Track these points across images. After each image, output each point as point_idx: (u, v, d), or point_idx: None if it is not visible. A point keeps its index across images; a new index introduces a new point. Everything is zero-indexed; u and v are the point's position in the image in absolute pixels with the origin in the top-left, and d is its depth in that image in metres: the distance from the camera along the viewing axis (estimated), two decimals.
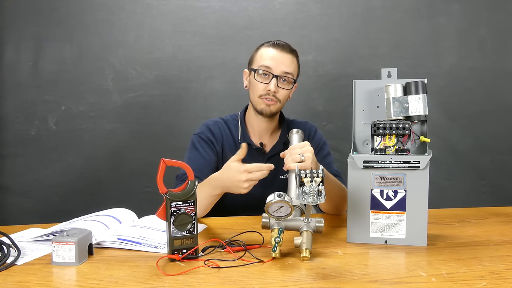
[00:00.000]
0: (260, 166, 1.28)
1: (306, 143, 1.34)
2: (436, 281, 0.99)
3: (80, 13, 2.16)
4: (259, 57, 1.56)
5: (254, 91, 1.57)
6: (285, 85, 1.55)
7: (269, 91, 1.53)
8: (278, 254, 1.11)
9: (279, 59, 1.54)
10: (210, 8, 2.20)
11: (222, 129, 1.65)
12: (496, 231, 1.34)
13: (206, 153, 1.59)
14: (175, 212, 1.12)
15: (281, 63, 1.53)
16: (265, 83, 1.54)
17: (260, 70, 1.54)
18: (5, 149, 2.17)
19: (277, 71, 1.53)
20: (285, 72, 1.54)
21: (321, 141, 1.68)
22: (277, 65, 1.53)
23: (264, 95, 1.54)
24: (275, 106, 1.56)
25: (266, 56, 1.54)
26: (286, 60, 1.54)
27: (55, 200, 2.18)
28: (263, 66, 1.54)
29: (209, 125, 1.65)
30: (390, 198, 1.21)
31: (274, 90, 1.53)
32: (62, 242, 1.09)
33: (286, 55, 1.55)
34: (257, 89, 1.56)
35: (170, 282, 1.00)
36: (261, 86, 1.54)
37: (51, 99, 2.17)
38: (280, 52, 1.54)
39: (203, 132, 1.63)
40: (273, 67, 1.53)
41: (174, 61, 2.20)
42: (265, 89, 1.54)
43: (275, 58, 1.53)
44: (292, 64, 1.56)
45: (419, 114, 1.24)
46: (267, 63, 1.53)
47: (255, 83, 1.56)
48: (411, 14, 2.24)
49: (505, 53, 2.26)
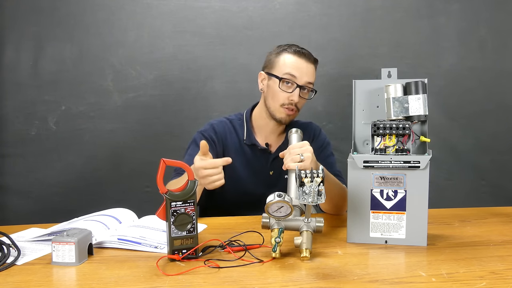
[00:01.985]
0: (215, 163, 1.28)
1: (305, 142, 1.34)
2: (436, 281, 0.99)
3: (80, 13, 2.16)
4: (282, 64, 1.54)
5: (275, 99, 1.55)
6: (306, 95, 1.56)
7: (292, 101, 1.52)
8: (278, 254, 1.11)
9: (304, 69, 1.52)
10: (210, 8, 2.20)
11: (227, 129, 1.65)
12: (496, 231, 1.34)
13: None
14: (175, 212, 1.12)
15: (305, 73, 1.52)
16: (288, 92, 1.52)
17: (285, 78, 1.52)
18: (5, 149, 2.17)
19: (301, 81, 1.52)
20: (308, 83, 1.53)
21: (325, 141, 1.68)
22: (302, 75, 1.52)
23: (286, 104, 1.54)
24: (294, 115, 1.57)
25: (290, 64, 1.52)
26: (310, 70, 1.54)
27: (55, 200, 2.18)
28: (288, 74, 1.52)
29: (213, 124, 1.66)
30: (390, 198, 1.22)
31: (297, 101, 1.53)
32: (62, 242, 1.09)
33: (310, 65, 1.54)
34: (278, 97, 1.54)
35: (170, 282, 1.00)
36: (285, 95, 1.53)
37: (51, 99, 2.17)
38: (305, 62, 1.53)
39: (206, 131, 1.63)
40: (298, 77, 1.52)
41: (174, 61, 2.20)
42: (288, 98, 1.53)
43: (300, 68, 1.52)
44: (314, 74, 1.56)
45: (419, 114, 1.24)
46: (293, 72, 1.51)
47: (278, 91, 1.53)
48: (411, 14, 2.24)
49: (505, 53, 2.26)
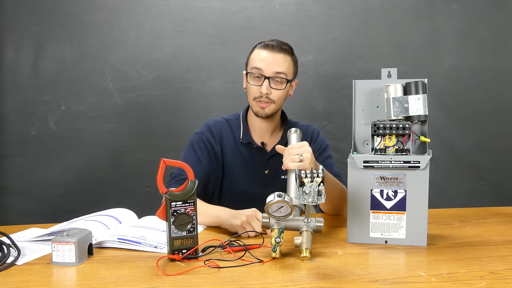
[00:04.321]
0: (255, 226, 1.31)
1: (304, 143, 1.34)
2: (436, 281, 0.99)
3: (80, 13, 2.16)
4: (251, 60, 1.57)
5: (249, 94, 1.58)
6: (278, 85, 1.54)
7: (261, 93, 1.53)
8: (278, 254, 1.11)
9: (270, 60, 1.53)
10: (210, 8, 2.20)
11: (223, 129, 1.65)
12: (496, 231, 1.34)
13: (202, 157, 1.59)
14: (175, 212, 1.12)
15: (272, 64, 1.53)
16: (258, 85, 1.54)
17: (252, 72, 1.54)
18: (5, 149, 2.17)
19: (268, 72, 1.52)
20: (277, 73, 1.53)
21: (323, 143, 1.68)
22: (268, 66, 1.52)
23: (258, 97, 1.54)
24: (269, 108, 1.56)
25: (257, 58, 1.54)
26: (277, 60, 1.53)
27: (55, 200, 2.18)
28: (254, 68, 1.54)
29: (210, 125, 1.66)
30: (390, 198, 1.21)
31: (266, 92, 1.53)
32: (62, 242, 1.09)
33: (276, 54, 1.53)
34: (251, 91, 1.56)
35: (170, 282, 1.00)
36: (254, 88, 1.54)
37: (51, 99, 2.17)
38: (270, 53, 1.53)
39: (203, 133, 1.63)
40: (264, 69, 1.52)
41: (174, 61, 2.20)
42: (258, 91, 1.54)
43: (265, 60, 1.53)
44: (284, 63, 1.54)
45: (419, 114, 1.24)
46: (258, 65, 1.53)
47: (249, 86, 1.56)
48: (411, 14, 2.24)
49: (505, 53, 2.26)
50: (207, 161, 1.59)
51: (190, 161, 1.55)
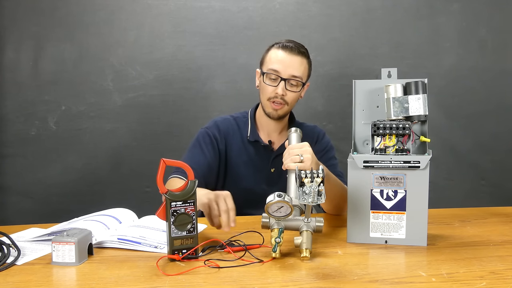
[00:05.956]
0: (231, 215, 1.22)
1: (305, 143, 1.34)
2: (436, 281, 0.99)
3: (80, 13, 2.16)
4: (269, 60, 1.57)
5: (263, 93, 1.59)
6: (293, 87, 1.56)
7: (277, 94, 1.54)
8: (278, 254, 1.11)
9: (288, 62, 1.54)
10: (210, 8, 2.20)
11: (230, 127, 1.66)
12: (496, 231, 1.34)
13: (206, 149, 1.61)
14: (175, 212, 1.12)
15: (289, 66, 1.54)
16: (273, 86, 1.55)
17: (269, 73, 1.55)
18: (5, 149, 2.17)
19: (285, 75, 1.53)
20: (293, 76, 1.54)
21: (328, 144, 1.70)
22: (285, 69, 1.53)
23: (272, 97, 1.56)
24: (282, 109, 1.58)
25: (275, 59, 1.55)
26: (294, 63, 1.54)
27: (55, 200, 2.18)
28: (272, 69, 1.54)
29: (217, 121, 1.68)
30: (390, 198, 1.21)
31: (282, 94, 1.54)
32: (62, 242, 1.09)
33: (295, 57, 1.54)
34: (265, 91, 1.57)
35: (170, 282, 1.00)
36: (270, 89, 1.56)
37: (51, 99, 2.17)
38: (288, 55, 1.54)
39: (210, 128, 1.65)
40: (281, 71, 1.53)
41: (174, 61, 2.20)
42: (273, 92, 1.55)
43: (283, 61, 1.54)
44: (301, 67, 1.56)
45: (419, 114, 1.24)
46: (275, 67, 1.54)
47: (264, 86, 1.57)
48: (411, 14, 2.24)
49: (505, 53, 2.26)
50: (211, 153, 1.61)
51: (195, 153, 1.59)
